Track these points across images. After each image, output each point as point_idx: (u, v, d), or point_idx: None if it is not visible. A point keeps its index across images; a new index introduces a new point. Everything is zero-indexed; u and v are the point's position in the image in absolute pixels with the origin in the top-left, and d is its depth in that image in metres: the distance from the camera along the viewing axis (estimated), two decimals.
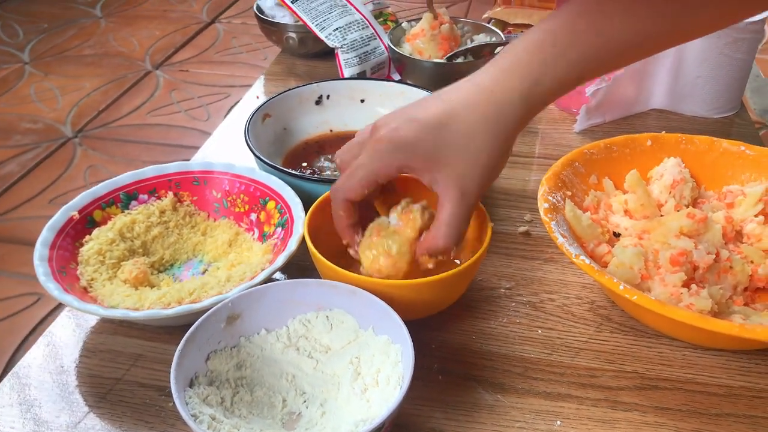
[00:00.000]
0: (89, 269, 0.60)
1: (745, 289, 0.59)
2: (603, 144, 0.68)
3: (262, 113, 0.78)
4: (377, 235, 0.53)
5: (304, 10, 0.98)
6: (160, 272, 0.64)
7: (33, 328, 1.39)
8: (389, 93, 0.83)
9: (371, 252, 0.53)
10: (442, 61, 0.92)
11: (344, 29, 0.97)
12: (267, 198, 0.66)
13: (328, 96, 0.84)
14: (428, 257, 0.52)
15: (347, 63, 0.96)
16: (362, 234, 0.54)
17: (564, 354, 0.56)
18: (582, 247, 0.59)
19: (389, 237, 0.53)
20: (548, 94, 0.50)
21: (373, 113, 0.83)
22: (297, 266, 0.63)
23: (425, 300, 0.55)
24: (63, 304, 0.55)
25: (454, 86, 0.51)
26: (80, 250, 0.61)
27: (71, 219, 0.63)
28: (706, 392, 0.53)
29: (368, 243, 0.53)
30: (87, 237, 0.63)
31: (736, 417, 0.51)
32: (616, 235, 0.63)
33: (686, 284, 0.55)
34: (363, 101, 0.84)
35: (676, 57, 0.87)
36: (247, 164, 0.69)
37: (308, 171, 0.77)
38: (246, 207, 0.68)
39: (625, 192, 0.67)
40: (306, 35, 1.02)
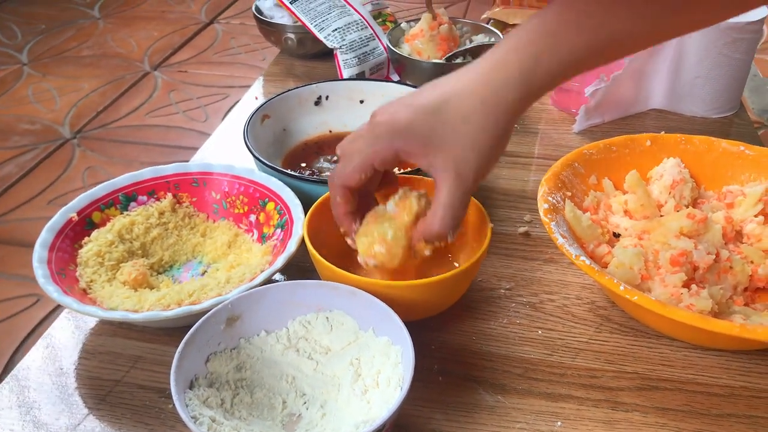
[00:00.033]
0: (88, 271, 0.60)
1: (745, 289, 0.59)
2: (602, 144, 0.68)
3: (261, 114, 0.78)
4: (373, 222, 0.53)
5: (303, 11, 0.98)
6: (160, 274, 0.64)
7: (32, 330, 1.38)
8: (388, 94, 0.83)
9: (366, 238, 0.53)
10: (441, 62, 0.92)
11: (343, 30, 0.97)
12: (266, 199, 0.66)
13: (327, 97, 0.84)
14: (425, 244, 0.51)
15: (346, 64, 0.96)
16: (360, 223, 0.54)
17: (564, 355, 0.56)
18: (582, 248, 0.59)
19: (385, 222, 0.52)
20: (547, 77, 0.49)
21: None
22: (297, 267, 0.62)
23: (425, 301, 0.55)
24: (62, 306, 0.55)
25: (452, 74, 0.51)
26: (79, 252, 0.61)
27: (70, 221, 0.63)
28: (707, 392, 0.53)
29: (364, 230, 0.53)
30: (86, 239, 0.63)
31: (737, 417, 0.51)
32: (616, 236, 0.63)
33: (686, 284, 0.55)
34: (362, 102, 0.84)
35: (675, 57, 0.87)
36: (247, 165, 0.69)
37: (307, 172, 0.77)
38: (245, 208, 0.67)
39: (625, 192, 0.67)
40: (305, 36, 1.02)
